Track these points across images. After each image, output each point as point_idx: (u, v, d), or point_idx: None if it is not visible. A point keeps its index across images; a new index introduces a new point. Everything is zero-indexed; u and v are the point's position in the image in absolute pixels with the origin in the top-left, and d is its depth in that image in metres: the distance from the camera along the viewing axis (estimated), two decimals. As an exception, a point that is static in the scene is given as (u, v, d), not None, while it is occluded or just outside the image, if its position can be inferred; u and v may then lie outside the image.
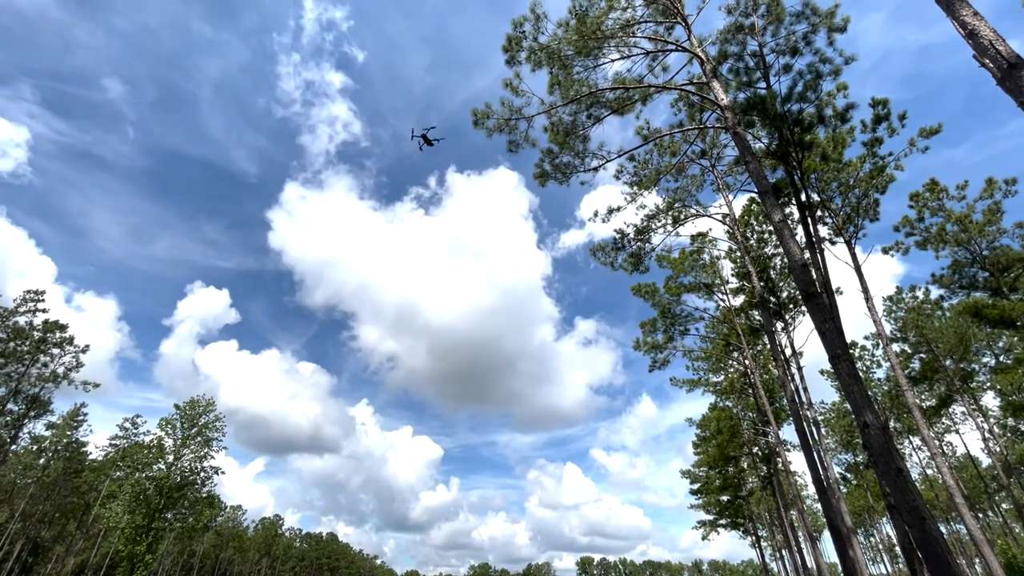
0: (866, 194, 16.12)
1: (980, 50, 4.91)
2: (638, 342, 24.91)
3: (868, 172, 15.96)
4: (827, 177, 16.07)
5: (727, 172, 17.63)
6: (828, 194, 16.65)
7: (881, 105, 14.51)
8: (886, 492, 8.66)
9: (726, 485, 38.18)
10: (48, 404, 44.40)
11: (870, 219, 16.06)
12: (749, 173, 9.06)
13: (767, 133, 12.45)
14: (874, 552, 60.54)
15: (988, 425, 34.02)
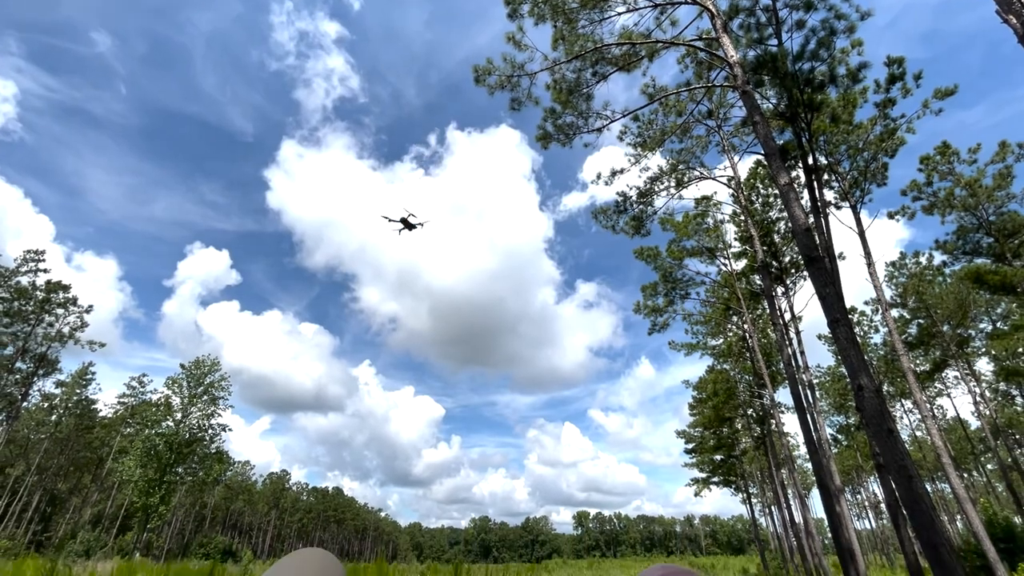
0: (875, 157, 15.81)
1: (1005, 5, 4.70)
2: (639, 305, 25.04)
3: (878, 135, 15.60)
4: (836, 140, 15.72)
5: (733, 133, 17.25)
6: (836, 157, 16.33)
7: (896, 64, 14.01)
8: (876, 452, 8.90)
9: (720, 445, 39.25)
10: (56, 363, 45.17)
11: (878, 183, 15.82)
12: (756, 134, 8.85)
13: (776, 93, 12.08)
14: (860, 509, 62.87)
15: (980, 389, 34.62)
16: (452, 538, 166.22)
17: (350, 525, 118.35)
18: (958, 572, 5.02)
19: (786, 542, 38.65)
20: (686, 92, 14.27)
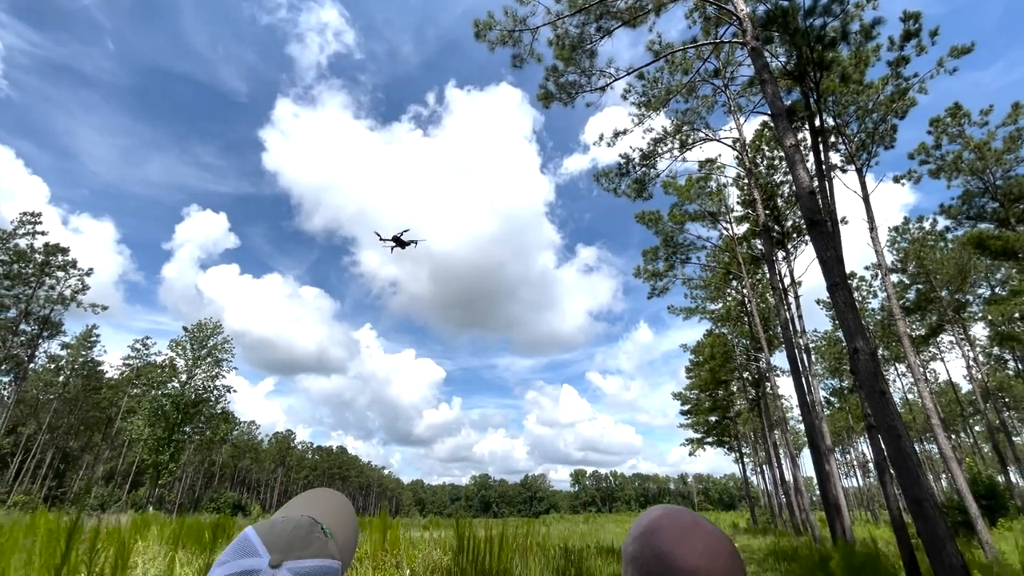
0: (884, 119, 15.45)
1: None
2: (639, 269, 25.05)
3: (889, 95, 15.19)
4: (845, 100, 15.31)
5: (740, 93, 16.80)
6: (844, 119, 15.96)
7: (912, 20, 13.50)
8: (867, 414, 9.12)
9: (715, 406, 40.12)
10: (60, 325, 45.58)
11: (885, 146, 15.52)
12: (764, 94, 8.62)
13: (785, 51, 11.69)
14: (848, 468, 64.89)
15: (973, 354, 35.09)
16: (453, 494, 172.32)
17: (354, 482, 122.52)
18: (940, 525, 5.23)
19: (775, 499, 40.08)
20: (693, 49, 13.81)
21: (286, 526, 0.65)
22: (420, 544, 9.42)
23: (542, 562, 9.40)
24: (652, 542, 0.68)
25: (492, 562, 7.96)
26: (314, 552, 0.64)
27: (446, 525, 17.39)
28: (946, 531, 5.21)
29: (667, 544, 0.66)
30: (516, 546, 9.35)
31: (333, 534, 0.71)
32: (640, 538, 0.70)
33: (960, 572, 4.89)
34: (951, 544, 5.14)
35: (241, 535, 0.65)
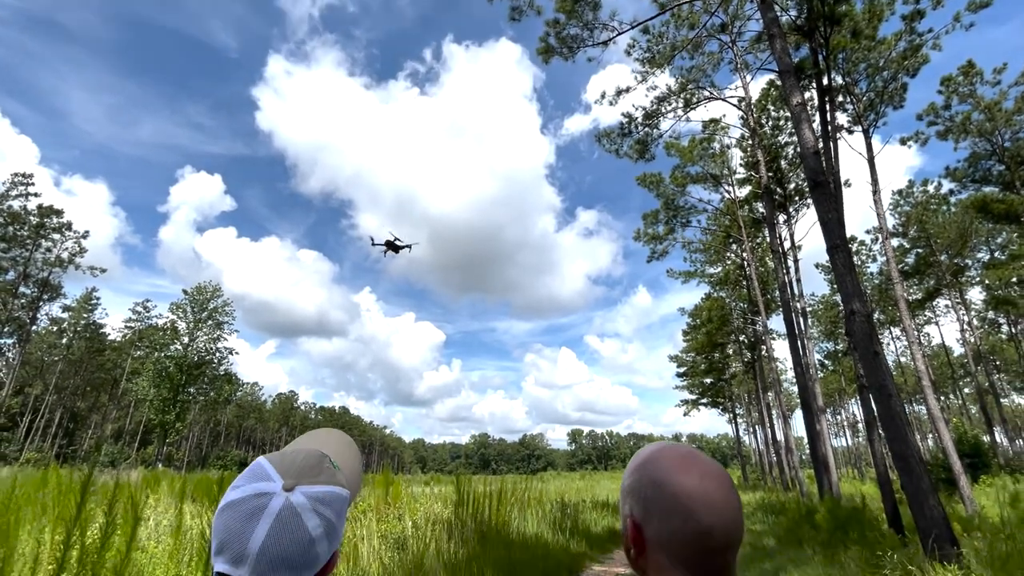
0: (895, 77, 15.01)
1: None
2: (639, 233, 24.91)
3: (902, 52, 14.70)
4: (855, 57, 14.82)
5: (748, 49, 16.25)
6: (853, 77, 15.50)
7: (930, -30, 12.91)
8: (860, 374, 9.27)
9: (711, 369, 40.77)
10: (59, 288, 45.64)
11: (894, 106, 15.14)
12: (772, 49, 8.34)
13: (795, 4, 11.23)
14: (838, 428, 66.65)
15: (968, 318, 35.41)
16: (453, 453, 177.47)
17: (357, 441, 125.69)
18: (924, 480, 5.42)
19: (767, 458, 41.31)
20: (700, 2, 13.27)
21: (297, 456, 0.69)
22: (422, 498, 9.77)
23: (539, 514, 9.77)
24: (650, 471, 0.69)
25: (491, 514, 8.26)
26: (324, 480, 0.67)
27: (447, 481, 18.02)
28: (929, 485, 5.40)
29: (665, 472, 0.68)
30: (515, 500, 9.69)
31: (340, 468, 0.75)
32: (638, 470, 0.71)
33: (941, 523, 5.09)
34: (933, 497, 5.33)
35: (254, 463, 0.68)
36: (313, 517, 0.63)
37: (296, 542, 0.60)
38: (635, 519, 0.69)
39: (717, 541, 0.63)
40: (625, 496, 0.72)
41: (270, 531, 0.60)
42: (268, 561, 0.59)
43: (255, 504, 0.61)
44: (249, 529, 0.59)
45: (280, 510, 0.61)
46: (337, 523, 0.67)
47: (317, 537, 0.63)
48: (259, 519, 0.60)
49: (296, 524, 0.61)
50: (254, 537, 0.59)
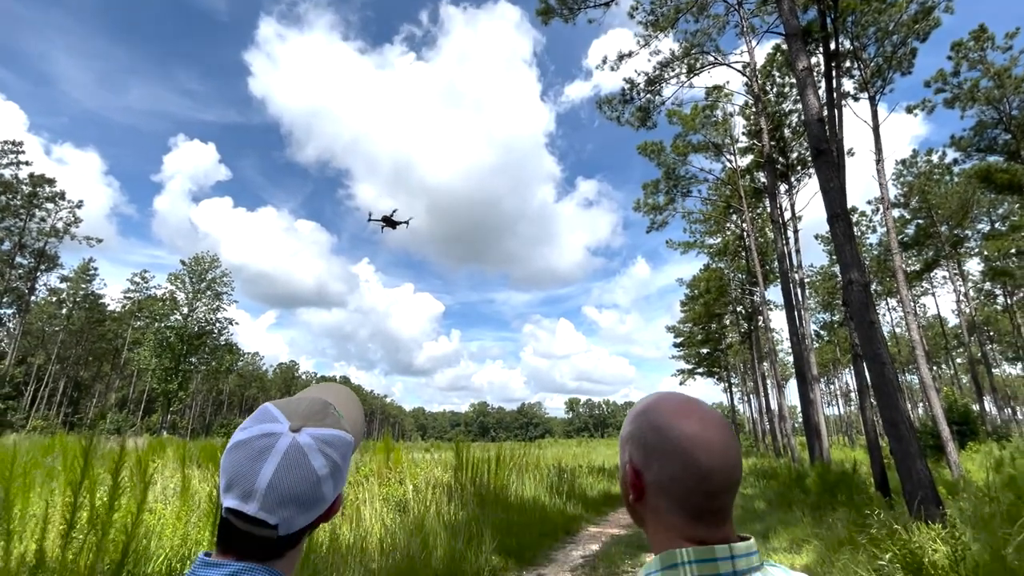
0: (904, 41, 14.62)
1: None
2: (639, 203, 24.72)
3: (913, 15, 14.27)
4: (864, 20, 14.39)
5: (754, 12, 15.75)
6: (862, 41, 15.08)
7: (946, -74, 12.39)
8: (855, 344, 9.37)
9: (707, 339, 41.15)
10: (56, 259, 45.47)
11: (903, 71, 14.79)
12: (779, 11, 8.08)
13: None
14: (831, 397, 67.84)
15: (964, 289, 35.57)
16: (453, 421, 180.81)
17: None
18: (912, 444, 5.54)
19: (760, 425, 42.19)
20: (706, -40, 12.77)
21: (302, 402, 0.72)
22: (422, 464, 9.99)
23: (537, 479, 10.02)
24: (650, 418, 0.70)
25: (490, 479, 8.47)
26: (330, 424, 0.70)
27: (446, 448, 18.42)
28: (917, 449, 5.53)
29: (665, 417, 0.68)
30: (513, 465, 9.93)
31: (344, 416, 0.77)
32: (638, 417, 0.72)
33: (927, 486, 5.24)
34: (921, 461, 5.47)
35: (260, 407, 0.70)
36: (319, 457, 0.65)
37: (303, 480, 0.63)
38: (635, 465, 0.69)
39: (716, 484, 0.64)
40: (624, 444, 0.73)
41: (277, 468, 0.62)
42: (276, 497, 0.61)
43: (263, 443, 0.63)
44: (257, 467, 0.61)
45: (287, 449, 0.63)
46: (342, 465, 0.69)
47: (323, 476, 0.65)
48: (267, 457, 0.62)
49: (303, 463, 0.63)
50: (262, 474, 0.61)
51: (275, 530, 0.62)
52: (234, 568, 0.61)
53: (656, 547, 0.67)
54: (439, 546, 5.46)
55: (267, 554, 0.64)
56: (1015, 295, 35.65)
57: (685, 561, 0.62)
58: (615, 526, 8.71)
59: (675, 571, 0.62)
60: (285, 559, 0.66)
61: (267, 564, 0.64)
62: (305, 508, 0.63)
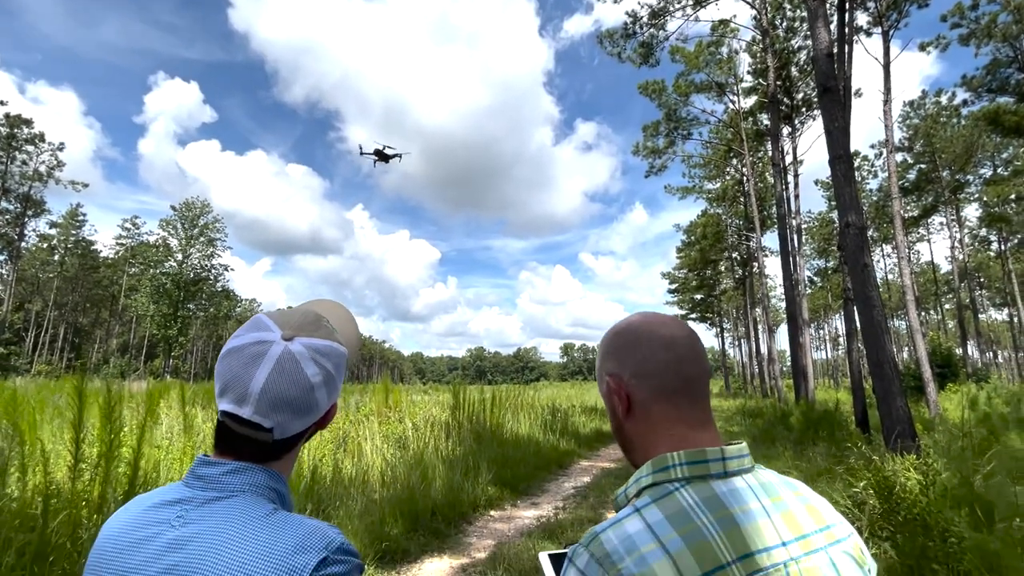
0: (923, -30, 13.78)
1: None
2: (638, 146, 24.16)
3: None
4: (884, -55, 13.50)
5: (767, -64, 14.71)
6: (879, -30, 14.21)
7: None
8: (847, 288, 9.47)
9: (701, 285, 41.54)
10: (42, 204, 44.58)
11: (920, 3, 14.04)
12: (794, -67, 7.52)
13: None
14: (820, 341, 69.52)
15: (960, 235, 35.62)
16: (451, 365, 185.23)
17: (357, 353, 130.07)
18: (895, 383, 5.73)
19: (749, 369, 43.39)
20: None
21: (296, 313, 0.72)
22: (420, 404, 10.30)
23: (531, 418, 10.38)
24: (623, 330, 0.73)
25: (486, 417, 8.77)
26: (322, 335, 0.70)
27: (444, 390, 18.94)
28: (899, 388, 5.72)
29: (637, 325, 0.72)
30: (508, 405, 10.25)
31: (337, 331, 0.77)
32: (612, 333, 0.75)
33: (905, 421, 5.47)
34: (901, 399, 5.68)
35: (254, 317, 0.70)
36: (312, 365, 0.66)
37: (296, 385, 0.64)
38: (613, 375, 0.71)
39: (691, 368, 0.68)
40: (603, 363, 0.74)
41: (271, 374, 0.63)
42: (269, 401, 0.62)
43: (256, 350, 0.64)
44: (251, 372, 0.63)
45: (280, 356, 0.64)
46: (335, 375, 0.70)
47: (316, 384, 0.66)
48: (260, 363, 0.63)
49: (295, 369, 0.64)
50: (256, 379, 0.62)
51: (271, 433, 0.64)
52: (232, 466, 0.63)
53: (648, 455, 0.67)
54: (438, 478, 5.73)
55: (264, 456, 0.66)
56: (1009, 241, 35.78)
57: (676, 463, 0.63)
58: (606, 460, 9.13)
59: (666, 473, 0.63)
60: (281, 461, 0.68)
61: (263, 464, 0.65)
62: (299, 414, 0.65)
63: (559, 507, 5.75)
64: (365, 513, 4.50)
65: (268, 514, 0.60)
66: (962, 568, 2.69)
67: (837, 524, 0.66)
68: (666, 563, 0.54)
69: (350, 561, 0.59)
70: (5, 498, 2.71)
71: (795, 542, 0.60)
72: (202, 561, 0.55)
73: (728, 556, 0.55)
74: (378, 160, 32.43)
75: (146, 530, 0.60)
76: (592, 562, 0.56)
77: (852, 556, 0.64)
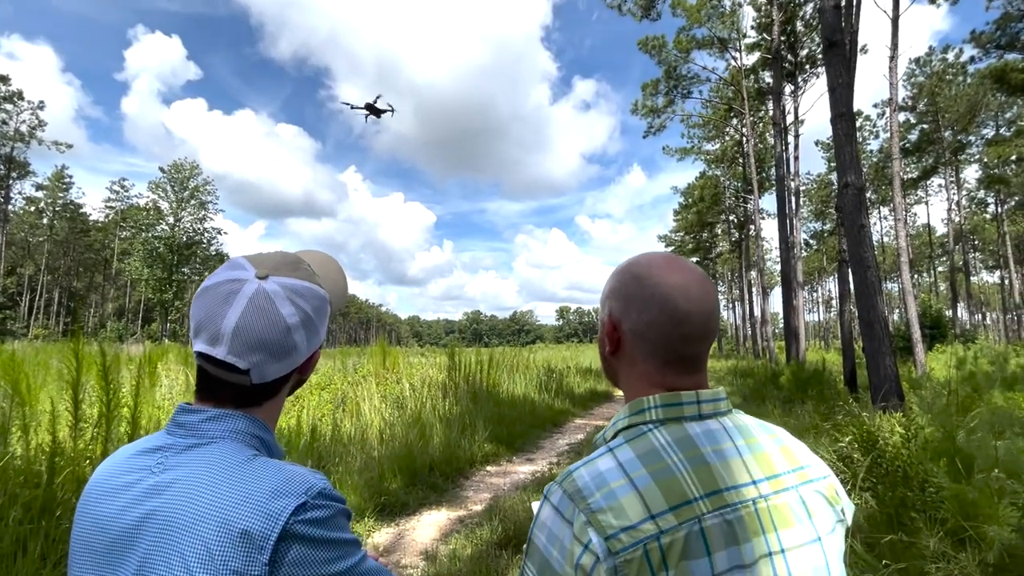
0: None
1: None
2: (636, 105, 23.59)
3: None
4: None
5: None
6: (893, -86, 13.50)
7: None
8: (843, 249, 9.49)
9: (698, 248, 41.52)
10: (27, 166, 43.54)
11: (931, -48, 13.42)
12: None
13: None
14: (812, 304, 70.29)
15: (958, 197, 35.49)
16: (447, 328, 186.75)
17: (354, 318, 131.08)
18: (884, 343, 5.82)
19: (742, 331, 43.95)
20: None
21: (274, 254, 0.70)
22: (418, 366, 10.43)
23: (527, 378, 10.56)
24: (632, 270, 0.70)
25: (483, 378, 8.90)
26: (300, 276, 0.68)
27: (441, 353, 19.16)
28: (888, 347, 5.82)
29: (647, 269, 0.68)
30: (505, 366, 10.40)
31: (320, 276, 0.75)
32: (620, 272, 0.72)
33: (892, 380, 5.59)
34: (890, 358, 5.78)
35: (231, 258, 0.68)
36: (287, 305, 0.63)
37: (271, 325, 0.62)
38: (614, 317, 0.70)
39: (693, 328, 0.65)
40: (605, 301, 0.73)
41: (243, 312, 0.61)
42: (243, 341, 0.60)
43: (229, 288, 0.62)
44: (223, 310, 0.61)
45: (253, 294, 0.62)
46: (315, 318, 0.67)
47: (293, 325, 0.63)
48: (232, 301, 0.61)
49: (270, 308, 0.62)
50: (228, 317, 0.60)
51: (247, 376, 0.62)
52: (212, 413, 0.62)
53: (629, 398, 0.69)
54: (435, 436, 5.87)
55: (244, 401, 0.64)
56: (1006, 203, 35.70)
57: (652, 406, 0.64)
58: (600, 419, 9.36)
59: (641, 416, 0.64)
60: (263, 408, 0.67)
61: (244, 411, 0.64)
62: (276, 356, 0.63)
63: (553, 463, 5.92)
64: (365, 469, 4.62)
65: (247, 460, 0.59)
66: (939, 516, 2.81)
67: (812, 465, 0.67)
68: (634, 497, 0.56)
69: (332, 506, 0.58)
70: (8, 456, 2.76)
71: (765, 481, 0.61)
72: (178, 506, 0.55)
73: (695, 492, 0.57)
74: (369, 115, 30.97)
75: (127, 476, 0.60)
76: (565, 498, 0.58)
77: (824, 495, 0.65)
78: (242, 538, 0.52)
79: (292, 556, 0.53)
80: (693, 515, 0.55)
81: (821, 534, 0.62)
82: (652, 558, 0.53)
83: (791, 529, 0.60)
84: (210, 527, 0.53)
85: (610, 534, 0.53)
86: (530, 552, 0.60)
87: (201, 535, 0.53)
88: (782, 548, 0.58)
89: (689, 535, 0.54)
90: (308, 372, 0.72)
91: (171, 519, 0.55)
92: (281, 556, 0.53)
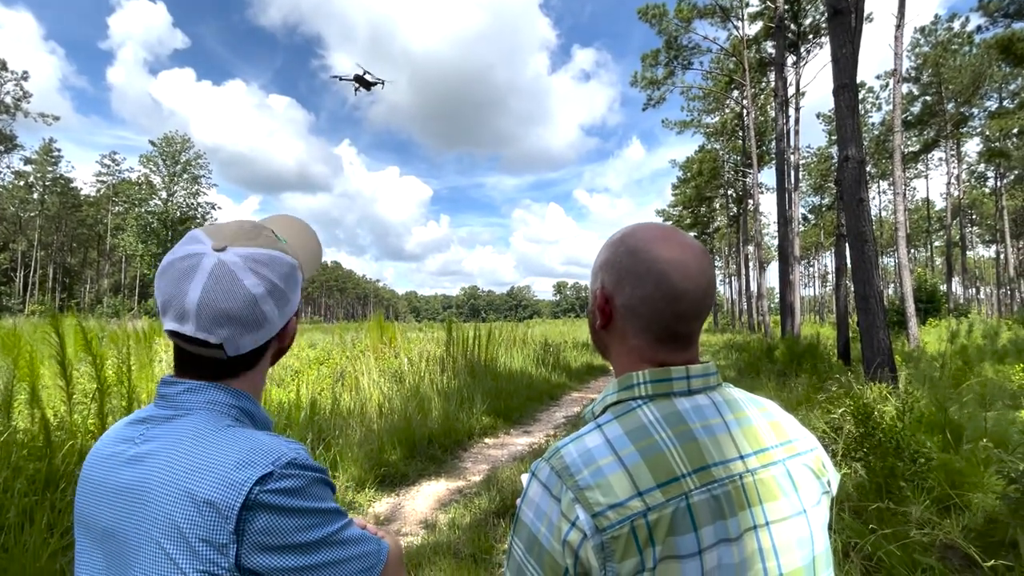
0: None
1: None
2: (636, 76, 23.15)
3: None
4: None
5: None
6: None
7: None
8: (840, 224, 9.47)
9: (695, 223, 41.38)
10: (13, 139, 42.68)
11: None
12: None
13: None
14: (809, 279, 70.59)
15: (958, 171, 35.28)
16: (445, 303, 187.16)
17: (351, 293, 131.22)
18: (879, 317, 5.87)
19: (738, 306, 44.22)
20: None
21: (231, 224, 0.68)
22: (416, 340, 10.48)
23: (524, 353, 10.64)
24: (627, 243, 0.67)
25: (480, 352, 8.97)
26: (262, 244, 0.66)
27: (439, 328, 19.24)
28: (883, 321, 5.87)
29: (643, 242, 0.66)
30: (502, 340, 10.46)
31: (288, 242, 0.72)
32: (613, 244, 0.69)
33: (886, 352, 5.66)
34: (884, 331, 5.83)
35: (188, 233, 0.67)
36: (250, 276, 0.62)
37: (235, 297, 0.61)
38: (606, 290, 0.68)
39: (687, 306, 0.63)
40: (597, 272, 0.70)
41: (205, 287, 0.60)
42: (209, 316, 0.60)
43: (187, 264, 0.61)
44: (184, 287, 0.60)
45: (212, 267, 0.61)
46: (284, 287, 0.66)
47: (260, 296, 0.62)
48: (192, 277, 0.60)
49: (231, 280, 0.61)
50: (190, 294, 0.59)
51: (221, 350, 0.62)
52: (189, 384, 0.63)
53: (619, 373, 0.68)
54: (434, 409, 5.94)
55: (222, 373, 0.65)
56: (1006, 177, 35.53)
57: (641, 382, 0.63)
58: (596, 392, 9.48)
59: (630, 391, 0.64)
60: (243, 379, 0.67)
61: (223, 382, 0.65)
62: (247, 328, 0.62)
63: (550, 435, 6.01)
64: (364, 442, 4.69)
65: (220, 429, 0.60)
66: (927, 485, 2.88)
67: (800, 439, 0.67)
68: (622, 475, 0.56)
69: (304, 475, 0.58)
70: (10, 430, 2.79)
71: (753, 455, 0.61)
72: (151, 476, 0.57)
73: (683, 468, 0.57)
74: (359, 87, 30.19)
75: (115, 447, 0.62)
76: (552, 474, 0.58)
77: (811, 468, 0.65)
78: (207, 507, 0.54)
79: (259, 525, 0.54)
80: (680, 492, 0.55)
81: (806, 506, 0.62)
82: (639, 534, 0.53)
83: (776, 502, 0.60)
84: (176, 496, 0.55)
85: (597, 511, 0.54)
86: (518, 528, 0.60)
87: (168, 504, 0.55)
88: (767, 521, 0.59)
89: (676, 511, 0.55)
90: (288, 340, 0.72)
91: (144, 489, 0.56)
92: (247, 525, 0.54)
